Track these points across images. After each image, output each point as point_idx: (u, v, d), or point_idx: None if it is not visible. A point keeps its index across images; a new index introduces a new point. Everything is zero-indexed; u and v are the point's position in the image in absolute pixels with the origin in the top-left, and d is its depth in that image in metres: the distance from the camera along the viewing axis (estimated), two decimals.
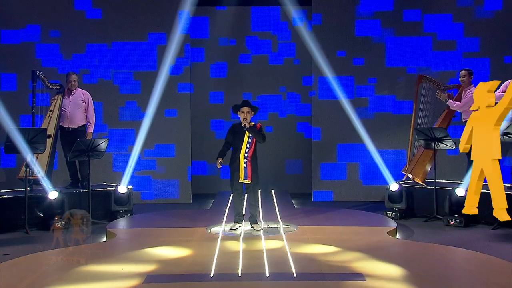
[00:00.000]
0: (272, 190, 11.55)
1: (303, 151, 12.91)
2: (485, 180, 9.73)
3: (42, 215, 9.43)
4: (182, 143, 12.08)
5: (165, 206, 11.63)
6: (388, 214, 10.10)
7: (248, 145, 8.42)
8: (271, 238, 8.13)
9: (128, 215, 10.17)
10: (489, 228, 9.08)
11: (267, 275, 6.28)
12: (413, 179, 10.49)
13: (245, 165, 8.42)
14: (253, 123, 8.50)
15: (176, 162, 12.07)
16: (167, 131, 11.99)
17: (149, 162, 11.97)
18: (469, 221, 9.30)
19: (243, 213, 8.72)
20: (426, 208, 10.09)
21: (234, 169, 8.50)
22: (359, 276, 6.26)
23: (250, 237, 8.23)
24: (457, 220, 9.32)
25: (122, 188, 10.24)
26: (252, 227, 8.60)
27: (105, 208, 10.21)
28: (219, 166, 8.57)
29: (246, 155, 8.41)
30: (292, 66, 12.97)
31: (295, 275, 6.26)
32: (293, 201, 11.68)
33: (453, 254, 7.62)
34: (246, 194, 8.67)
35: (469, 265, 7.14)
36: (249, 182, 8.48)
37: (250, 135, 8.42)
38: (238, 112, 8.52)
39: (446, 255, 7.52)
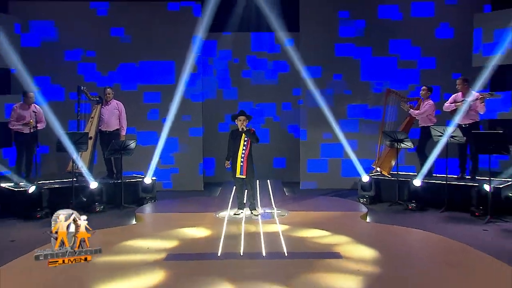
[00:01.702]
0: (268, 180, 11.84)
1: (292, 148, 12.76)
2: (434, 171, 10.11)
3: (85, 199, 9.61)
4: (195, 142, 12.11)
5: (182, 193, 11.61)
6: (361, 200, 10.25)
7: (244, 148, 8.54)
8: (267, 222, 8.20)
9: (153, 201, 10.29)
10: (438, 211, 9.28)
11: (264, 254, 6.44)
12: (381, 172, 10.62)
13: (241, 163, 8.54)
14: (248, 127, 8.62)
15: (190, 158, 12.10)
16: (183, 133, 12.03)
17: (168, 158, 11.99)
18: (423, 206, 9.50)
19: (244, 201, 8.83)
20: (390, 195, 10.19)
21: (233, 166, 8.64)
22: (337, 255, 6.38)
23: (250, 221, 8.31)
24: (414, 205, 9.52)
25: (148, 180, 10.39)
26: (252, 213, 8.72)
27: (134, 195, 10.31)
28: (228, 166, 8.74)
29: (242, 155, 8.54)
30: (284, 80, 12.87)
31: (286, 254, 6.42)
32: (284, 189, 11.69)
33: (412, 234, 7.71)
34: (245, 188, 8.78)
35: (425, 244, 7.29)
36: (245, 177, 8.60)
37: (246, 140, 8.53)
38: (236, 120, 8.63)
39: (407, 235, 7.65)
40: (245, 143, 8.57)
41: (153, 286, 5.44)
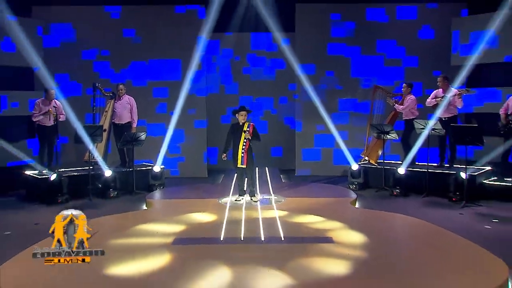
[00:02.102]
0: (266, 168, 11.95)
1: (288, 138, 12.88)
2: (417, 160, 10.27)
3: (100, 186, 9.80)
4: (200, 133, 12.21)
5: (188, 180, 11.75)
6: (350, 187, 10.42)
7: (244, 142, 8.62)
8: (265, 208, 8.28)
9: (161, 187, 10.44)
10: (420, 197, 9.51)
11: (262, 238, 6.50)
12: (369, 161, 10.79)
13: (242, 155, 8.62)
14: (248, 122, 8.71)
15: (195, 147, 12.19)
16: (189, 125, 12.13)
17: (175, 147, 12.10)
18: (406, 191, 9.70)
19: (244, 189, 8.94)
20: (377, 182, 10.36)
21: (235, 157, 8.71)
22: (329, 239, 6.45)
23: (250, 207, 8.40)
24: (398, 191, 9.70)
25: (157, 168, 10.56)
26: (251, 199, 8.82)
27: (145, 182, 10.46)
28: (225, 159, 8.83)
29: (243, 148, 8.62)
30: (281, 76, 12.91)
31: (282, 239, 6.48)
32: (281, 176, 11.80)
33: (397, 219, 7.82)
34: (246, 176, 8.87)
35: (409, 229, 7.37)
36: (245, 167, 8.70)
37: (247, 131, 8.60)
38: (237, 115, 8.73)
39: (392, 220, 7.76)
40: (245, 140, 8.64)
41: (161, 267, 5.55)
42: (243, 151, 8.65)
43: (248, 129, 8.67)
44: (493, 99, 10.88)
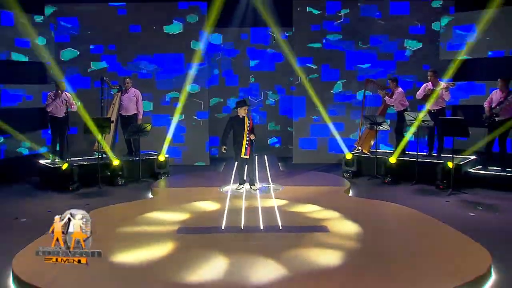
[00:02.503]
0: (265, 156, 11.97)
1: (286, 128, 12.99)
2: (408, 149, 10.29)
3: (109, 173, 9.81)
4: (202, 123, 12.18)
5: (191, 168, 11.81)
6: (344, 175, 10.41)
7: (248, 133, 8.57)
8: (264, 197, 8.25)
9: (166, 176, 10.42)
10: (409, 184, 9.53)
11: (261, 227, 6.49)
12: (362, 150, 10.83)
13: (246, 146, 8.59)
14: (249, 115, 8.68)
15: (198, 137, 12.17)
16: (192, 115, 12.11)
17: (179, 137, 12.09)
18: (397, 179, 9.71)
19: (244, 178, 8.92)
20: (369, 170, 10.38)
21: (238, 149, 8.65)
22: (324, 229, 6.44)
23: (249, 196, 8.38)
24: (389, 179, 9.72)
25: (162, 157, 10.54)
26: (251, 188, 8.81)
27: (150, 171, 10.46)
28: (224, 151, 8.79)
29: (247, 140, 8.60)
30: (280, 69, 12.91)
31: (281, 228, 6.47)
32: (279, 163, 11.81)
33: (389, 208, 7.79)
34: (246, 165, 8.85)
35: (400, 217, 7.32)
36: (248, 157, 8.70)
37: (248, 124, 8.57)
38: (239, 108, 8.67)
39: (384, 209, 7.77)
40: (248, 127, 8.59)
41: (164, 256, 5.58)
42: (246, 143, 8.61)
43: (249, 122, 8.64)
44: (478, 92, 10.91)
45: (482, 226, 6.91)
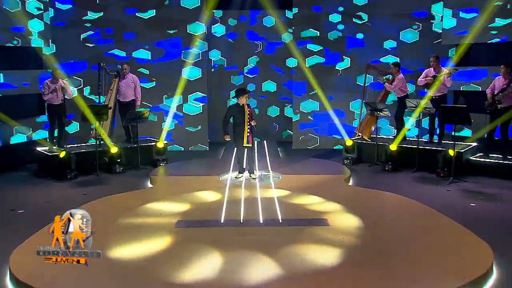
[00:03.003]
0: (265, 141, 11.85)
1: (286, 113, 12.94)
2: (409, 133, 10.19)
3: (107, 160, 9.72)
4: (202, 107, 12.04)
5: (190, 153, 11.74)
6: (345, 162, 10.30)
7: (249, 122, 8.46)
8: (264, 187, 8.11)
9: (165, 162, 10.30)
10: (410, 172, 9.47)
11: (261, 221, 6.38)
12: (362, 137, 10.74)
13: (248, 134, 8.50)
14: (249, 108, 8.55)
15: (197, 121, 12.08)
16: (191, 99, 11.99)
17: (179, 122, 12.00)
18: (397, 167, 9.64)
19: (244, 166, 8.85)
20: (370, 157, 10.29)
21: (239, 137, 8.55)
22: (324, 222, 6.35)
23: (249, 185, 8.26)
24: (390, 166, 9.64)
25: (160, 144, 10.43)
26: (250, 176, 8.73)
27: (149, 157, 10.34)
28: (228, 139, 8.67)
29: (248, 128, 8.49)
30: (280, 52, 12.75)
31: (280, 221, 6.38)
32: (278, 149, 11.75)
33: (390, 199, 7.65)
34: (246, 153, 8.77)
35: (401, 209, 7.18)
36: (251, 146, 8.64)
37: (249, 112, 8.47)
38: (240, 97, 8.53)
39: (385, 200, 7.64)
40: (249, 115, 8.47)
41: (162, 251, 5.53)
42: (248, 131, 8.51)
43: (249, 110, 8.52)
44: (480, 78, 10.74)
45: (483, 217, 6.87)
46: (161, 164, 10.27)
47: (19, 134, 10.54)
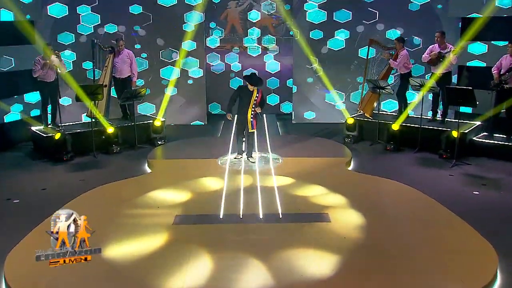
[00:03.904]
0: (264, 115, 11.67)
1: (287, 88, 12.68)
2: (411, 113, 10.04)
3: (104, 137, 9.51)
4: (199, 81, 11.89)
5: (188, 128, 11.63)
6: (346, 140, 10.15)
7: (253, 106, 8.22)
8: (264, 173, 7.88)
9: (163, 141, 10.11)
10: (412, 152, 9.37)
11: (261, 216, 6.23)
12: (364, 114, 10.54)
13: (251, 119, 8.31)
14: (259, 94, 8.26)
15: (195, 95, 11.92)
16: (188, 74, 11.83)
17: (177, 98, 11.82)
18: (399, 147, 9.51)
19: (243, 149, 8.70)
20: (371, 135, 10.12)
21: (242, 120, 8.37)
22: (326, 218, 6.17)
23: (248, 171, 8.08)
24: (392, 146, 9.52)
25: (158, 122, 10.24)
26: (249, 160, 8.58)
27: (146, 136, 10.20)
28: (230, 118, 8.46)
29: (252, 112, 8.27)
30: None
31: (280, 217, 6.21)
32: (277, 123, 11.67)
33: (393, 189, 7.43)
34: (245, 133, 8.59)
35: (405, 203, 6.92)
36: (255, 131, 8.47)
37: (256, 98, 8.20)
38: (249, 84, 8.20)
39: (388, 191, 7.42)
40: (255, 102, 8.22)
41: (157, 252, 5.41)
42: (252, 115, 8.30)
43: (257, 95, 8.25)
44: (485, 53, 10.44)
45: (487, 208, 6.74)
46: (159, 143, 10.09)
47: (13, 112, 10.26)
